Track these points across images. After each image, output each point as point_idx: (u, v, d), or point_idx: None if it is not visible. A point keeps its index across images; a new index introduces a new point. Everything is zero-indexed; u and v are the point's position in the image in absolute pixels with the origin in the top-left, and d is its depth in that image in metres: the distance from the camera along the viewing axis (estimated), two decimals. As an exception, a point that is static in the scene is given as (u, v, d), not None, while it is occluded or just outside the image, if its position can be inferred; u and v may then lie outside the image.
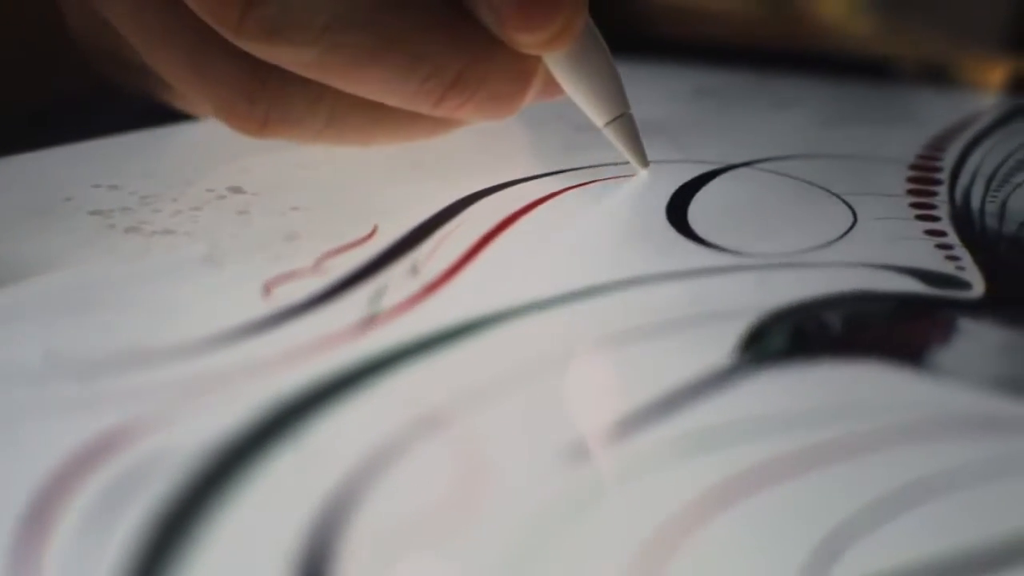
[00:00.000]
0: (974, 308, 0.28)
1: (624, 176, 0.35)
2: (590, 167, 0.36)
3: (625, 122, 0.34)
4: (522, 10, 0.29)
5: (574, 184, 0.35)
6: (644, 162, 0.35)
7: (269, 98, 0.32)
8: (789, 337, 0.26)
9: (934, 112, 0.45)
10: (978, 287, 0.29)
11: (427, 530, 0.20)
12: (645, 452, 0.22)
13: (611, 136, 0.34)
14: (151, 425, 0.23)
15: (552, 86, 0.33)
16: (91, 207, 0.33)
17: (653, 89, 0.46)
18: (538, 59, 0.32)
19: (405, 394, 0.24)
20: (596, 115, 0.34)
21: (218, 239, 0.31)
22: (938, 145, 0.40)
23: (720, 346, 0.26)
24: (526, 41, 0.30)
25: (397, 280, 0.29)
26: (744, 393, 0.25)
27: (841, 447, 0.22)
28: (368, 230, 0.32)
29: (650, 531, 0.20)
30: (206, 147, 0.36)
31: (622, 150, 0.35)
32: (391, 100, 0.31)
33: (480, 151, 0.35)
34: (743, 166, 0.36)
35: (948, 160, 0.38)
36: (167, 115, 0.40)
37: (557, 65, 0.33)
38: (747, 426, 0.23)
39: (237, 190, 0.34)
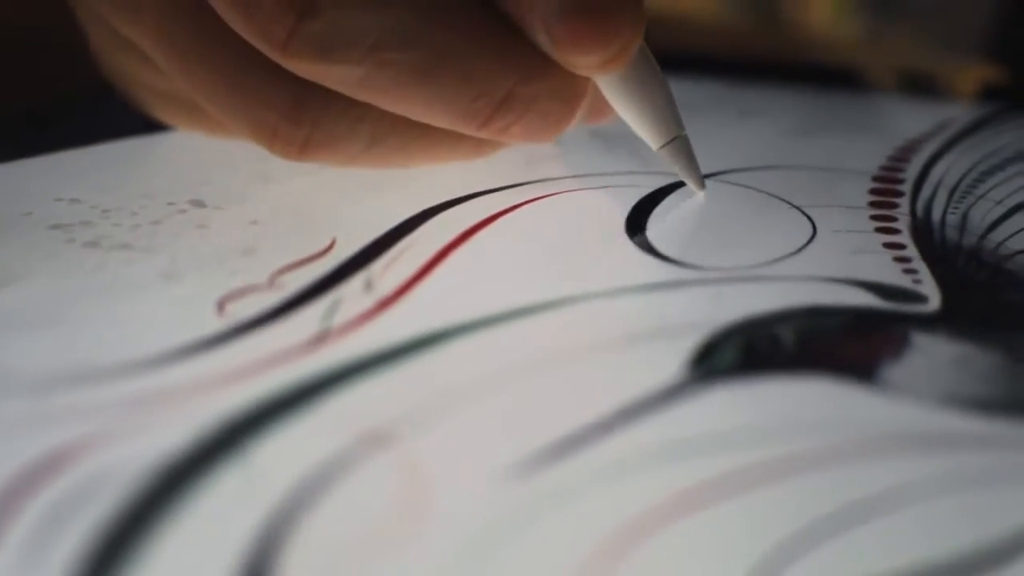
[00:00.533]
0: (929, 322, 0.28)
1: (585, 189, 0.35)
2: (551, 179, 0.36)
3: (680, 144, 0.34)
4: (578, 31, 0.28)
5: (533, 197, 0.34)
6: (701, 184, 0.34)
7: (312, 120, 0.31)
8: (740, 352, 0.26)
9: (902, 122, 0.45)
10: (934, 301, 0.29)
11: (368, 549, 0.20)
12: (589, 470, 0.22)
13: (666, 158, 0.34)
14: (99, 442, 0.23)
15: (598, 108, 0.33)
16: (51, 221, 0.32)
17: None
18: (588, 80, 0.31)
19: (352, 411, 0.24)
20: (650, 137, 0.33)
21: (176, 254, 0.31)
22: (903, 156, 0.40)
23: (671, 362, 0.26)
24: (581, 63, 0.29)
25: (351, 295, 0.29)
26: (692, 409, 0.25)
27: (787, 464, 0.22)
28: (326, 244, 0.31)
29: (591, 548, 0.20)
30: (169, 160, 0.36)
31: (679, 172, 0.34)
32: (437, 120, 0.30)
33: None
34: (705, 178, 0.36)
35: (912, 171, 0.38)
36: (131, 127, 0.39)
37: (610, 87, 0.32)
38: (693, 443, 0.23)
39: (198, 204, 0.34)
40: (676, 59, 0.50)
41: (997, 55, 0.54)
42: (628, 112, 0.32)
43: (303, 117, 0.31)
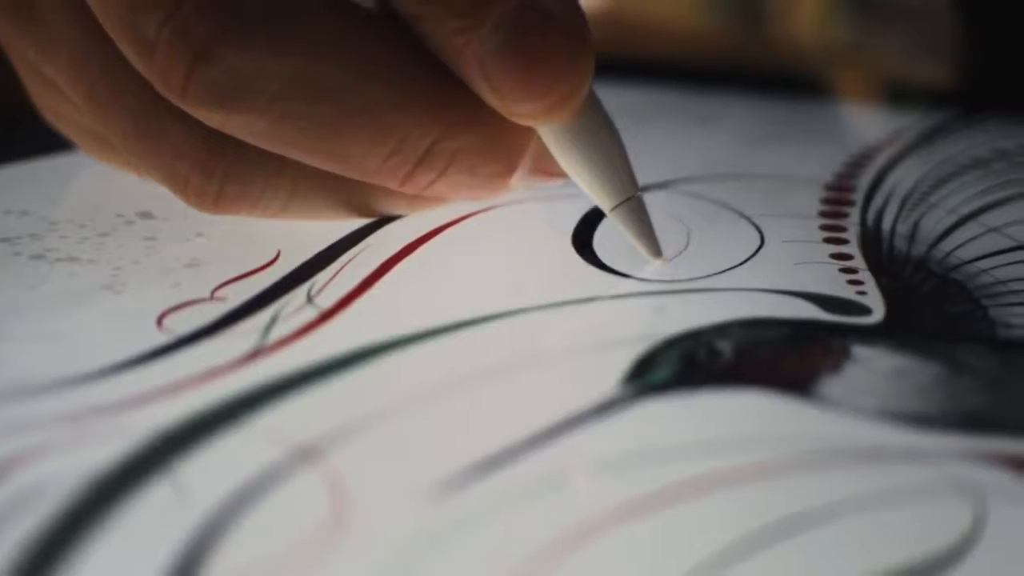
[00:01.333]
0: (870, 335, 0.28)
1: (533, 200, 0.35)
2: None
3: (634, 206, 0.30)
4: (520, 76, 0.26)
5: (481, 208, 0.34)
6: (656, 252, 0.31)
7: (224, 171, 0.29)
8: (678, 366, 0.26)
9: (859, 129, 0.45)
10: (878, 313, 0.29)
11: (291, 564, 0.20)
12: (517, 486, 0.22)
13: (618, 221, 0.30)
14: (33, 457, 0.23)
15: (546, 165, 0.30)
16: (-1, 234, 0.32)
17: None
18: (527, 133, 0.28)
19: (283, 426, 0.24)
20: (600, 197, 0.30)
21: (120, 266, 0.31)
22: (858, 163, 0.40)
23: (607, 375, 0.25)
24: (521, 109, 0.26)
25: (291, 309, 0.28)
26: (627, 423, 0.24)
27: (719, 479, 0.22)
28: (271, 256, 0.31)
29: (517, 564, 0.20)
30: (120, 172, 0.36)
31: (631, 237, 0.31)
32: (354, 175, 0.28)
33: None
34: (657, 188, 0.35)
35: (865, 179, 0.38)
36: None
37: (555, 139, 0.29)
38: (625, 457, 0.23)
39: (147, 215, 0.34)
40: (636, 66, 0.50)
41: (963, 62, 0.54)
42: (575, 168, 0.29)
43: (215, 168, 0.29)
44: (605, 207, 0.29)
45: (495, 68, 0.26)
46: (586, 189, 0.29)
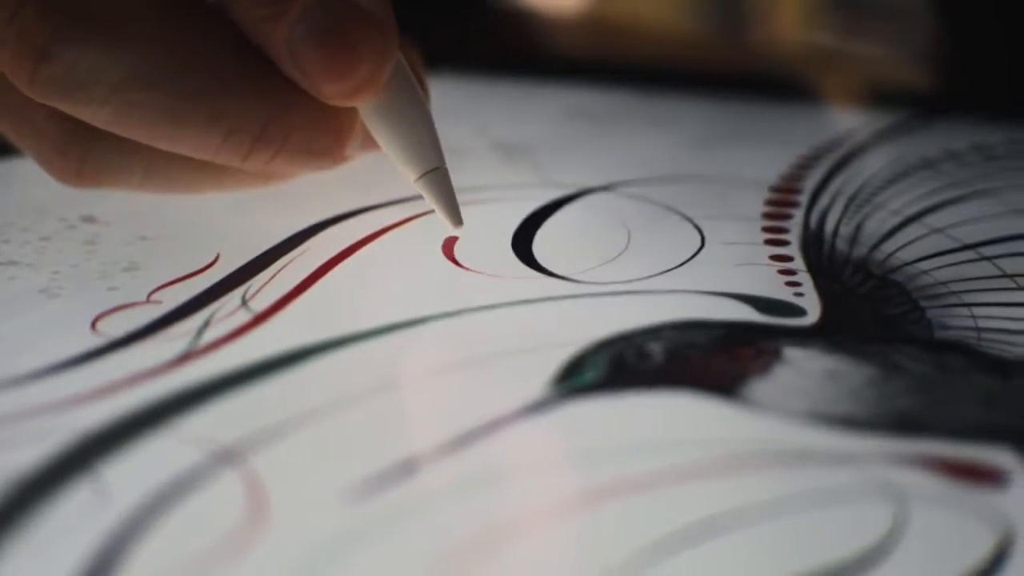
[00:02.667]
0: (803, 336, 0.27)
1: (472, 204, 0.35)
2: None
3: (437, 176, 0.31)
4: (325, 59, 0.27)
5: (421, 212, 0.34)
6: (458, 220, 0.31)
7: (80, 152, 0.31)
8: (607, 368, 0.26)
9: (810, 131, 0.45)
10: (814, 314, 0.28)
11: (202, 567, 0.20)
12: (437, 486, 0.22)
13: (423, 191, 0.31)
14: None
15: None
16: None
17: (524, 110, 0.46)
18: (352, 110, 0.30)
19: (206, 429, 0.24)
20: (407, 168, 0.31)
21: (59, 270, 0.30)
22: (806, 165, 0.40)
23: (537, 377, 0.25)
24: (331, 92, 0.28)
25: (225, 312, 0.28)
26: (551, 425, 0.24)
27: (641, 480, 0.22)
28: (210, 259, 0.31)
29: (433, 564, 0.20)
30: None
31: (435, 206, 0.31)
32: (199, 155, 0.29)
33: (339, 177, 0.34)
34: (602, 190, 0.35)
35: (812, 181, 0.38)
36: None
37: (368, 114, 0.30)
38: (547, 459, 0.23)
39: (90, 219, 0.34)
40: (594, 68, 0.50)
41: (932, 62, 0.54)
42: (385, 141, 0.30)
43: (70, 149, 0.30)
44: (410, 177, 0.30)
45: (302, 53, 0.27)
46: (394, 160, 0.30)
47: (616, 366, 0.26)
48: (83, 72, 0.27)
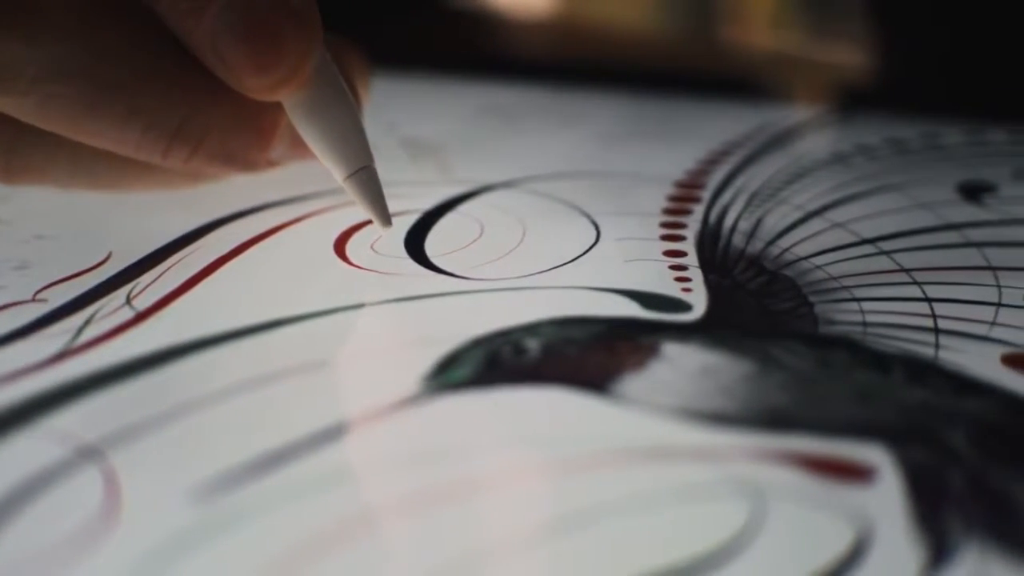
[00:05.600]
0: (684, 332, 0.27)
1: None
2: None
3: (366, 175, 0.30)
4: (248, 52, 0.27)
5: (317, 209, 0.34)
6: (386, 221, 0.30)
7: (6, 147, 0.31)
8: (480, 364, 0.25)
9: (722, 127, 0.44)
10: (699, 310, 0.28)
11: (52, 561, 0.20)
12: (299, 480, 0.22)
13: (351, 191, 0.30)
14: None
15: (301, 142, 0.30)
16: None
17: (436, 107, 0.46)
18: (277, 109, 0.29)
19: (72, 427, 0.24)
20: (334, 166, 0.30)
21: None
22: (714, 160, 0.39)
23: (412, 373, 0.25)
24: (254, 85, 0.27)
25: (108, 310, 0.28)
26: (419, 420, 0.24)
27: (500, 475, 0.22)
28: (101, 258, 0.31)
29: (280, 557, 0.20)
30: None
31: (363, 206, 0.30)
32: (120, 151, 0.29)
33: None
34: (503, 186, 0.35)
35: (717, 176, 0.38)
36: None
37: (293, 111, 0.29)
38: (410, 454, 0.23)
39: (-10, 219, 0.33)
40: (508, 66, 0.49)
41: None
42: (312, 138, 0.30)
43: None
44: (338, 176, 0.30)
45: (224, 45, 0.27)
46: (321, 159, 0.30)
47: (491, 362, 0.25)
48: (2, 65, 0.27)
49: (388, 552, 0.20)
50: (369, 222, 0.30)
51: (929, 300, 0.29)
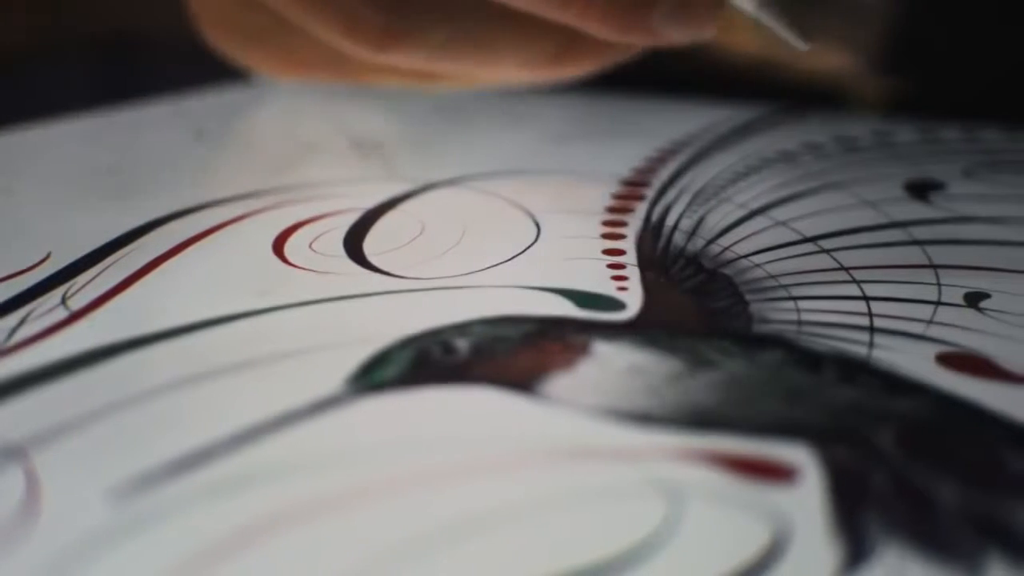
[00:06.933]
0: (615, 331, 0.27)
1: (317, 198, 0.34)
2: (287, 189, 0.35)
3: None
4: None
5: (257, 209, 0.33)
6: (803, 43, 0.30)
7: (393, 4, 0.30)
8: (408, 363, 0.25)
9: (671, 125, 0.44)
10: (633, 309, 0.28)
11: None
12: (212, 482, 0.22)
13: (764, 19, 0.30)
14: None
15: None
16: None
17: (388, 107, 0.45)
18: None
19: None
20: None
21: None
22: (661, 158, 0.39)
23: (338, 373, 0.25)
24: None
25: (42, 311, 0.27)
26: (340, 421, 0.24)
27: (418, 476, 0.22)
28: (40, 258, 0.30)
29: (188, 560, 0.19)
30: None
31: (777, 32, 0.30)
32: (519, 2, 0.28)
33: (184, 171, 0.34)
34: (445, 184, 0.35)
35: (662, 175, 0.38)
36: None
37: None
38: (327, 455, 0.22)
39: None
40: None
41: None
42: None
43: (384, 2, 0.30)
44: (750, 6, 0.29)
45: None
46: None
47: (419, 362, 0.25)
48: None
49: (306, 552, 0.19)
50: (309, 221, 0.29)
51: (867, 299, 0.29)
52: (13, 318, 0.27)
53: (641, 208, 0.34)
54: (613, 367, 0.25)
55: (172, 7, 0.40)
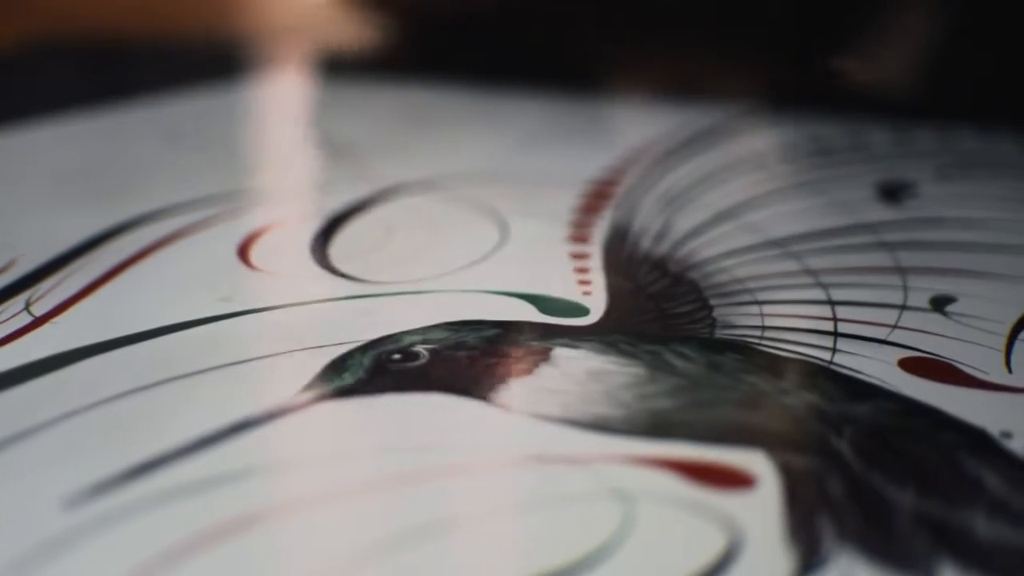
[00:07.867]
0: (576, 336, 0.27)
1: (283, 202, 0.34)
2: (253, 191, 0.35)
3: None
4: None
5: (222, 213, 0.33)
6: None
7: None
8: (366, 370, 0.25)
9: (641, 127, 0.44)
10: (596, 313, 0.28)
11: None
12: (166, 488, 0.21)
13: None
14: None
15: None
16: None
17: (360, 110, 0.45)
18: None
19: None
20: None
21: None
22: (633, 160, 0.39)
23: (298, 378, 0.25)
24: None
25: (6, 316, 0.27)
26: (296, 427, 0.24)
27: (370, 483, 0.22)
28: (4, 263, 0.30)
29: (138, 566, 0.19)
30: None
31: None
32: None
33: (153, 175, 0.34)
34: (416, 188, 0.35)
35: (632, 177, 0.37)
36: None
37: None
38: (281, 461, 0.22)
39: None
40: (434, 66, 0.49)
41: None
42: None
43: None
44: None
45: None
46: None
47: (378, 367, 0.25)
48: None
49: (263, 557, 0.19)
50: (276, 225, 0.30)
51: (832, 303, 0.29)
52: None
53: (609, 210, 0.34)
54: (573, 373, 0.25)
55: (147, 11, 0.40)
